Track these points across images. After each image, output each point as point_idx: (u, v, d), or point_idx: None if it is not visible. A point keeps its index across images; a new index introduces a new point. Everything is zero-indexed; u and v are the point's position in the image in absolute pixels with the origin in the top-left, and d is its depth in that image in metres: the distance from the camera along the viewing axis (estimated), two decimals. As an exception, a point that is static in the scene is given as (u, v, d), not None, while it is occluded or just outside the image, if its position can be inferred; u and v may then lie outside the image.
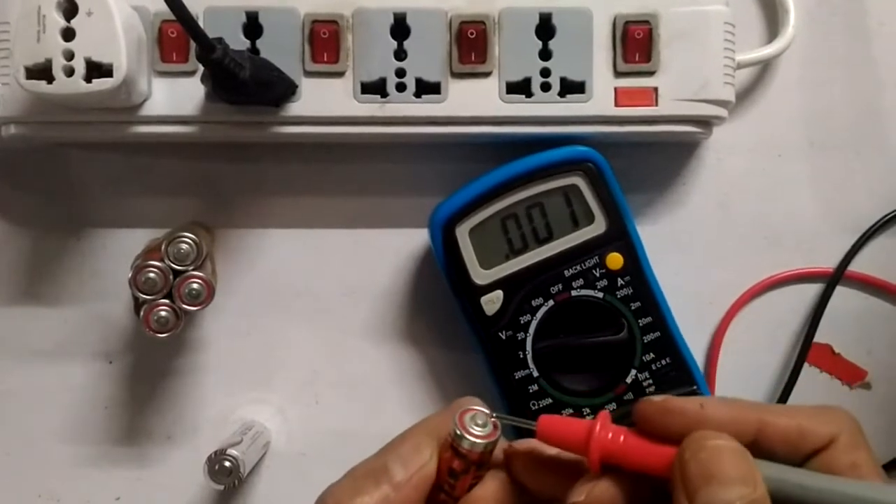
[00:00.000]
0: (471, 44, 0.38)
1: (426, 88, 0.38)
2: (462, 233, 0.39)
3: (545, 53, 0.39)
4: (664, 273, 0.40)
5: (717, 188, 0.43)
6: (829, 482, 0.25)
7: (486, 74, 0.39)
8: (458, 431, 0.28)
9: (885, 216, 0.43)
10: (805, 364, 0.43)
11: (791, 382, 0.42)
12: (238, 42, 0.38)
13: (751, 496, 0.24)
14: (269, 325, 0.43)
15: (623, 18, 0.38)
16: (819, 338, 0.43)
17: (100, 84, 0.35)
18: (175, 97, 0.38)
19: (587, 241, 0.39)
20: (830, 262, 0.43)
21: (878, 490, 0.25)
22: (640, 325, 0.39)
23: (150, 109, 0.38)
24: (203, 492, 0.42)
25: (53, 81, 0.34)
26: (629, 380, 0.39)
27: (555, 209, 0.39)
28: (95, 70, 0.35)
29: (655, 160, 0.43)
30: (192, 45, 0.37)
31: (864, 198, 0.43)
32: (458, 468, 0.29)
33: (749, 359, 0.43)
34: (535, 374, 0.39)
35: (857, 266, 0.43)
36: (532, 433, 0.28)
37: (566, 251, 0.39)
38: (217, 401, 0.43)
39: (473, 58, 0.38)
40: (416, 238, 0.42)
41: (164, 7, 0.31)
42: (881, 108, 0.43)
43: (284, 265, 0.43)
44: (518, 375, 0.39)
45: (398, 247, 0.43)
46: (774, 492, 0.25)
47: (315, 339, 0.43)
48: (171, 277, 0.38)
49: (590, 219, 0.39)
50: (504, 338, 0.39)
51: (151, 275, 0.37)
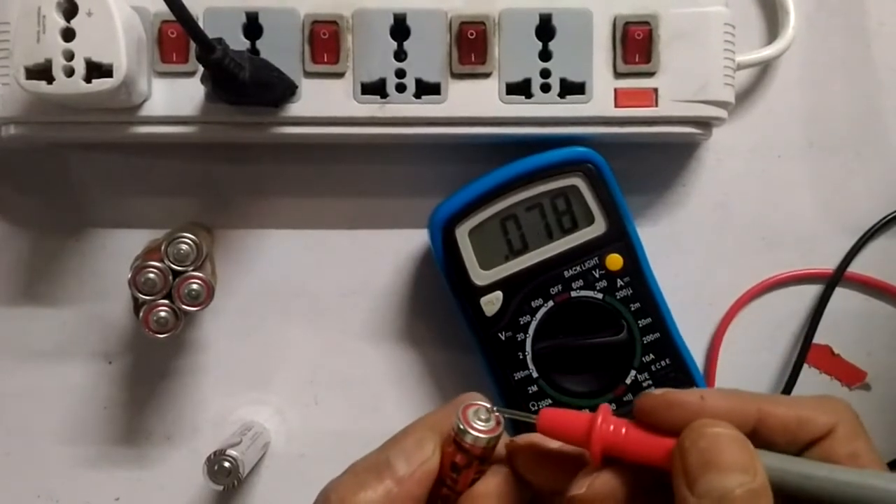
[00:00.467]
0: (471, 44, 0.38)
1: (426, 89, 0.38)
2: (462, 233, 0.39)
3: (545, 54, 0.39)
4: (664, 274, 0.40)
5: (717, 189, 0.43)
6: (830, 471, 0.25)
7: (486, 75, 0.39)
8: (462, 426, 0.28)
9: (885, 217, 0.43)
10: (805, 365, 0.43)
11: (791, 383, 0.42)
12: (238, 42, 0.38)
13: (750, 484, 0.24)
14: (269, 326, 0.43)
15: (623, 19, 0.38)
16: (818, 339, 0.43)
17: (100, 84, 0.35)
18: (175, 98, 0.38)
19: (587, 242, 0.39)
20: (830, 263, 0.43)
21: (879, 478, 0.25)
22: (640, 326, 0.39)
23: (150, 110, 0.38)
24: (202, 492, 0.42)
25: (53, 82, 0.34)
26: (629, 381, 0.39)
27: (554, 210, 0.39)
28: (95, 70, 0.35)
29: (655, 161, 0.43)
30: (192, 46, 0.37)
31: (864, 199, 0.43)
32: (461, 462, 0.29)
33: (749, 359, 0.43)
34: (535, 375, 0.39)
35: (857, 267, 0.43)
36: (533, 427, 0.28)
37: (566, 252, 0.39)
38: (216, 401, 0.43)
39: (473, 58, 0.38)
40: (416, 239, 0.42)
41: (164, 7, 0.31)
42: (881, 109, 0.43)
43: (284, 266, 0.43)
44: (517, 376, 0.39)
45: (398, 247, 0.43)
46: (776, 481, 0.25)
47: (314, 340, 0.43)
48: (171, 278, 0.38)
49: (589, 220, 0.39)
50: (503, 338, 0.39)
51: (151, 275, 0.37)
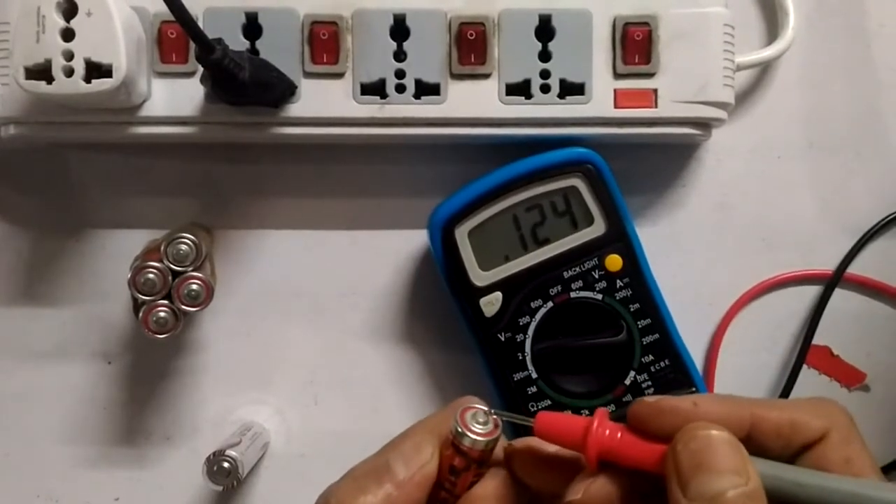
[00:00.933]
0: (470, 45, 0.38)
1: (426, 90, 0.38)
2: (461, 234, 0.39)
3: (545, 55, 0.39)
4: (663, 275, 0.40)
5: (717, 190, 0.43)
6: (825, 479, 0.25)
7: (486, 76, 0.39)
8: (460, 429, 0.28)
9: (885, 218, 0.43)
10: (804, 366, 0.43)
11: (790, 384, 0.42)
12: (237, 43, 0.38)
13: (743, 488, 0.24)
14: (269, 326, 0.43)
15: (623, 20, 0.38)
16: (818, 340, 0.43)
17: (99, 84, 0.35)
18: (174, 98, 0.38)
19: (586, 243, 0.39)
20: (830, 264, 0.43)
21: (874, 487, 0.25)
22: (639, 327, 0.39)
23: (150, 110, 0.38)
24: (202, 492, 0.42)
25: (53, 82, 0.34)
26: (628, 381, 0.39)
27: (554, 211, 0.39)
28: (95, 70, 0.35)
29: (655, 162, 0.43)
30: (192, 46, 0.37)
31: (864, 199, 0.43)
32: (460, 466, 0.29)
33: (748, 360, 0.43)
34: (534, 376, 0.39)
35: (857, 268, 0.43)
36: (530, 430, 0.28)
37: (565, 253, 0.39)
38: (216, 401, 0.43)
39: (473, 59, 0.38)
40: (416, 239, 0.42)
41: (164, 8, 0.31)
42: (881, 110, 0.43)
43: (284, 266, 0.43)
44: (517, 377, 0.39)
45: (397, 248, 0.43)
46: (770, 489, 0.25)
47: (314, 340, 0.43)
48: (171, 278, 0.38)
49: (589, 220, 0.39)
50: (503, 339, 0.39)
51: (150, 275, 0.37)
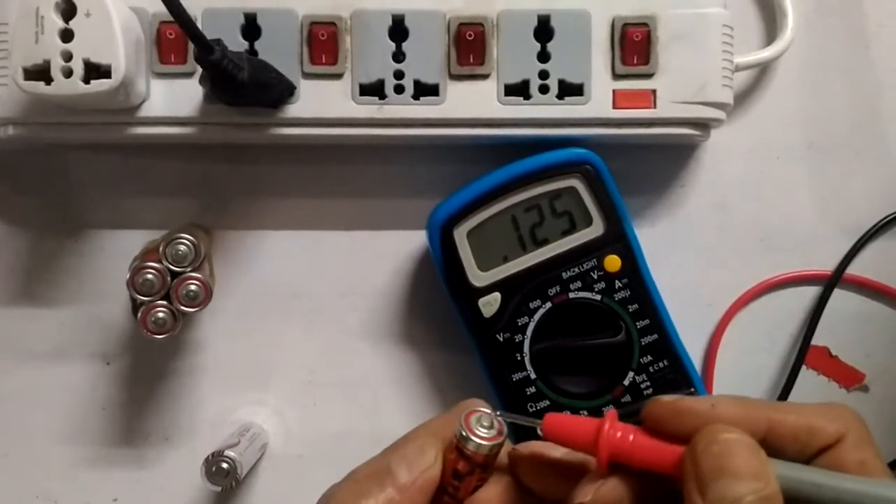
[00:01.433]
0: (469, 46, 0.38)
1: (424, 90, 0.38)
2: (460, 235, 0.39)
3: (543, 55, 0.38)
4: (662, 275, 0.40)
5: (715, 190, 0.43)
6: (840, 480, 0.25)
7: (485, 76, 0.39)
8: (464, 433, 0.28)
9: (884, 219, 0.43)
10: (803, 366, 0.43)
11: (789, 385, 0.42)
12: (236, 43, 0.38)
13: (763, 491, 0.24)
14: (267, 327, 0.43)
15: (621, 20, 0.38)
16: (817, 340, 0.43)
17: (98, 85, 0.35)
18: (173, 98, 0.38)
19: (585, 244, 0.39)
20: (828, 265, 0.43)
21: (889, 487, 0.25)
22: (638, 328, 0.39)
23: (149, 111, 0.38)
24: (200, 493, 0.42)
25: (52, 82, 0.34)
26: (627, 382, 0.39)
27: (553, 211, 0.39)
28: (94, 71, 0.35)
29: (653, 162, 0.43)
30: (191, 47, 0.37)
31: (863, 200, 0.43)
32: (463, 470, 0.28)
33: (747, 361, 0.43)
34: (533, 376, 0.39)
35: (856, 269, 0.43)
36: (536, 432, 0.28)
37: (564, 253, 0.39)
38: (214, 402, 0.43)
39: (472, 60, 0.38)
40: (414, 240, 0.42)
41: (163, 8, 0.31)
42: (880, 111, 0.43)
43: (282, 266, 0.43)
44: (515, 377, 0.39)
45: (396, 248, 0.43)
46: (788, 491, 0.25)
47: (313, 341, 0.43)
48: (169, 279, 0.38)
49: (588, 221, 0.39)
50: (501, 340, 0.39)
51: (149, 276, 0.37)
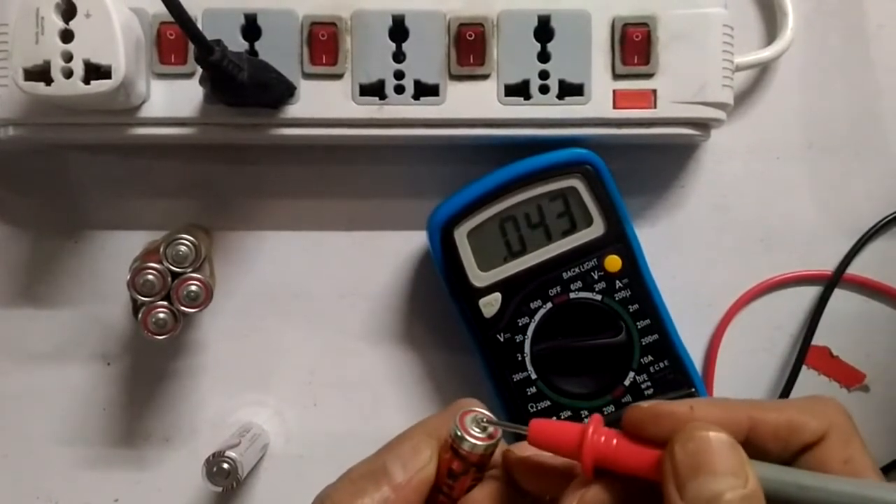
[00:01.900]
0: (469, 46, 0.38)
1: (425, 90, 0.38)
2: (460, 235, 0.39)
3: (544, 56, 0.38)
4: (662, 275, 0.40)
5: (716, 190, 0.43)
6: (825, 481, 0.25)
7: (485, 76, 0.38)
8: (459, 433, 0.28)
9: (884, 218, 0.43)
10: (803, 366, 0.43)
11: (789, 385, 0.42)
12: (236, 44, 0.38)
13: (741, 490, 0.24)
14: (268, 327, 0.43)
15: (622, 21, 0.38)
16: (817, 340, 0.43)
17: (98, 86, 0.35)
18: (173, 99, 0.38)
19: (585, 244, 0.39)
20: (829, 265, 0.43)
21: (874, 488, 0.25)
22: (639, 328, 0.39)
23: (149, 111, 0.38)
24: (201, 494, 0.42)
25: (52, 83, 0.34)
26: (627, 382, 0.39)
27: (553, 211, 0.39)
28: (94, 72, 0.35)
29: (654, 162, 0.43)
30: (191, 47, 0.37)
31: (863, 200, 0.43)
32: (458, 469, 0.28)
33: (747, 361, 0.43)
34: (533, 377, 0.39)
35: (856, 268, 0.43)
36: (524, 438, 0.28)
37: (564, 253, 0.39)
38: (215, 403, 0.43)
39: (472, 60, 0.38)
40: (415, 240, 0.42)
41: (163, 9, 0.31)
42: (880, 111, 0.43)
43: (283, 267, 0.43)
44: (516, 378, 0.39)
45: (396, 249, 0.43)
46: (771, 493, 0.24)
47: (313, 341, 0.43)
48: (170, 279, 0.38)
49: (588, 221, 0.39)
50: (502, 340, 0.39)
51: (150, 277, 0.37)
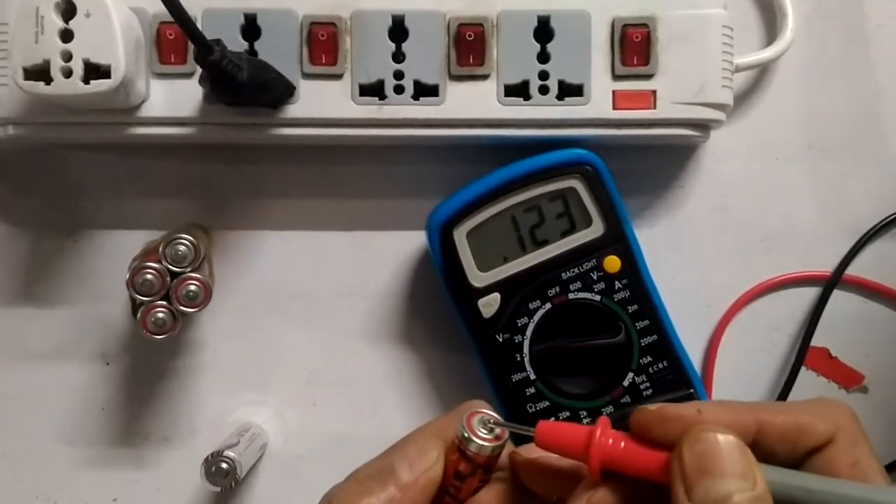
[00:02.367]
0: (469, 46, 0.38)
1: (424, 90, 0.38)
2: (460, 235, 0.39)
3: (543, 56, 0.39)
4: (661, 276, 0.40)
5: (715, 191, 0.43)
6: (833, 485, 0.25)
7: (485, 77, 0.39)
8: (466, 434, 0.28)
9: (884, 219, 0.43)
10: (803, 367, 0.43)
11: (788, 386, 0.42)
12: (236, 44, 0.38)
13: (750, 492, 0.24)
14: (267, 327, 0.43)
15: (621, 21, 0.38)
16: (816, 341, 0.43)
17: (98, 85, 0.35)
18: (173, 99, 0.38)
19: (585, 244, 0.39)
20: (828, 266, 0.43)
21: (882, 492, 0.25)
22: (638, 329, 0.39)
23: (148, 111, 0.38)
24: (200, 493, 0.42)
25: (51, 82, 0.34)
26: (626, 383, 0.39)
27: (552, 212, 0.39)
28: (93, 71, 0.35)
29: (653, 163, 0.43)
30: (191, 47, 0.37)
31: (862, 201, 0.43)
32: (465, 471, 0.28)
33: (746, 362, 0.43)
34: (532, 377, 0.39)
35: (855, 269, 0.43)
36: (531, 440, 0.28)
37: (564, 254, 0.39)
38: (214, 402, 0.43)
39: (472, 60, 0.38)
40: (414, 240, 0.42)
41: (163, 9, 0.31)
42: (880, 111, 0.43)
43: (282, 267, 0.43)
44: (515, 378, 0.39)
45: (396, 249, 0.43)
46: (779, 496, 0.24)
47: (313, 341, 0.43)
48: (169, 279, 0.38)
49: (587, 222, 0.39)
50: (501, 340, 0.39)
51: (149, 276, 0.37)
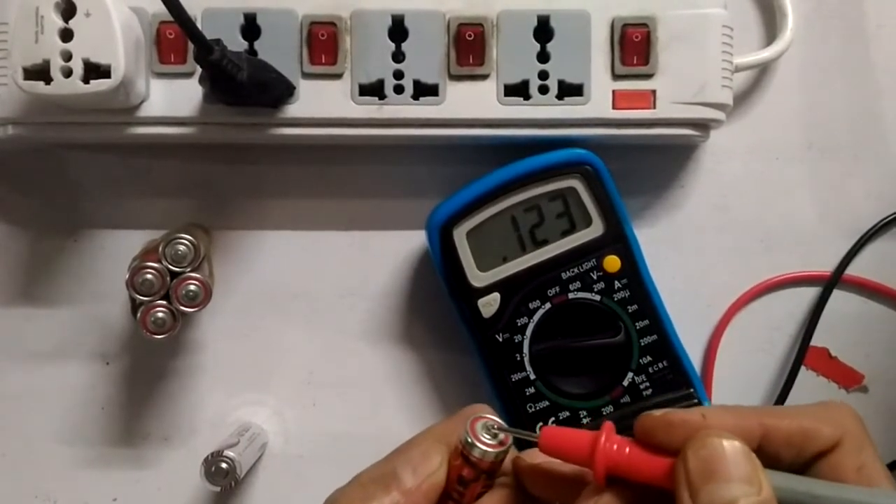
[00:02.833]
0: (469, 46, 0.38)
1: (424, 90, 0.38)
2: (459, 235, 0.39)
3: (543, 56, 0.38)
4: (661, 276, 0.40)
5: (715, 191, 0.43)
6: (839, 490, 0.25)
7: (484, 77, 0.38)
8: (470, 439, 0.28)
9: (884, 219, 0.43)
10: (802, 367, 0.43)
11: (788, 386, 0.42)
12: (236, 43, 0.38)
13: (755, 498, 0.24)
14: (267, 327, 0.43)
15: (621, 21, 0.38)
16: (816, 341, 0.43)
17: (98, 85, 0.35)
18: (173, 98, 0.38)
19: (584, 244, 0.39)
20: (828, 266, 0.43)
21: (889, 497, 0.25)
22: (637, 328, 0.39)
23: (148, 111, 0.38)
24: (200, 493, 0.42)
25: (51, 82, 0.34)
26: (626, 383, 0.39)
27: (552, 212, 0.39)
28: (93, 71, 0.35)
29: (653, 163, 0.43)
30: (191, 47, 0.37)
31: (862, 201, 0.43)
32: (468, 476, 0.28)
33: (746, 362, 0.43)
34: (532, 377, 0.39)
35: (855, 269, 0.43)
36: (535, 445, 0.28)
37: (563, 254, 0.39)
38: (214, 402, 0.43)
39: (471, 60, 0.38)
40: (414, 240, 0.42)
41: (163, 8, 0.31)
42: (879, 111, 0.43)
43: (282, 267, 0.43)
44: (515, 378, 0.39)
45: (396, 249, 0.43)
46: (785, 501, 0.24)
47: (312, 341, 0.43)
48: (169, 279, 0.38)
49: (587, 221, 0.39)
50: (501, 340, 0.39)
51: (148, 276, 0.37)
